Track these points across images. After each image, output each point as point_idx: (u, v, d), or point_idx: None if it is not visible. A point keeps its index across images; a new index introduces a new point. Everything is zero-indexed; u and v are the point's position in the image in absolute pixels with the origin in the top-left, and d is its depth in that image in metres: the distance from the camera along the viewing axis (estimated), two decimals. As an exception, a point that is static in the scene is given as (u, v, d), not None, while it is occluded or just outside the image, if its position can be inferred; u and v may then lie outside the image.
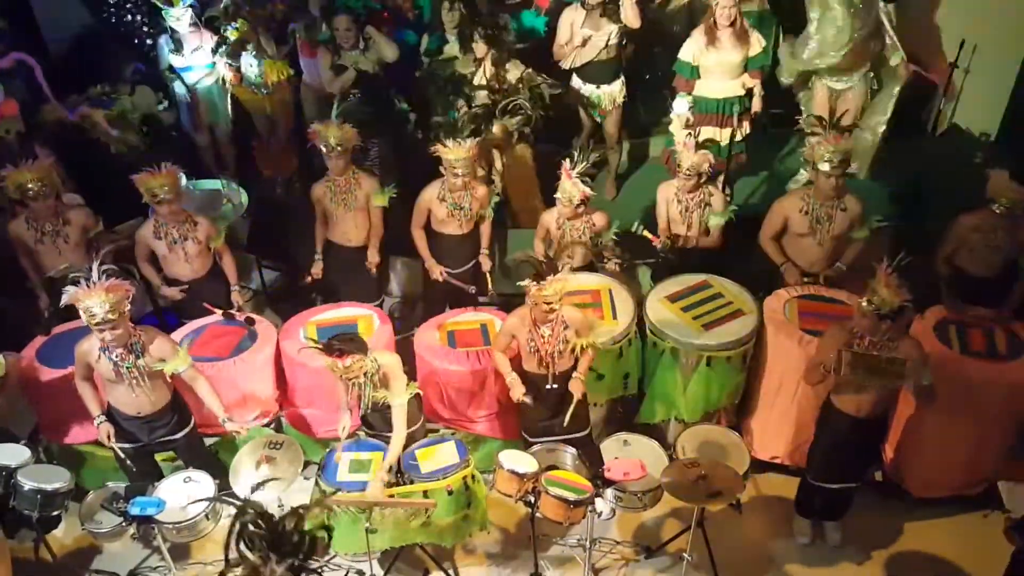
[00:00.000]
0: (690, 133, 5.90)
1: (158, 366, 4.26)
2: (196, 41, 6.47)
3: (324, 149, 5.20)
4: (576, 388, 4.47)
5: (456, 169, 5.12)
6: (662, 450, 4.61)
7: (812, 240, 5.04)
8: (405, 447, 4.41)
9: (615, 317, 4.98)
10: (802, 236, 5.06)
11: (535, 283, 4.25)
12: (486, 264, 5.50)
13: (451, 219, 5.35)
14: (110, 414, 4.42)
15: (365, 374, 4.26)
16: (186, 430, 4.56)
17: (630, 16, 5.95)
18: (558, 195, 5.03)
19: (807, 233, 5.03)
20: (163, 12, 6.30)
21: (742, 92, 5.87)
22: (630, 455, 4.47)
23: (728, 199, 5.56)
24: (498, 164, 6.06)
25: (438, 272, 5.42)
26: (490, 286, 5.53)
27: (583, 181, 4.98)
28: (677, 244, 5.35)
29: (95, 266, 4.03)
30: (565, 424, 4.54)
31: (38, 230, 5.08)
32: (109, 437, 4.36)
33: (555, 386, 4.52)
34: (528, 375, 4.55)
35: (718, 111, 5.92)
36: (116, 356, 4.16)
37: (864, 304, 4.07)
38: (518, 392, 4.47)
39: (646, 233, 5.29)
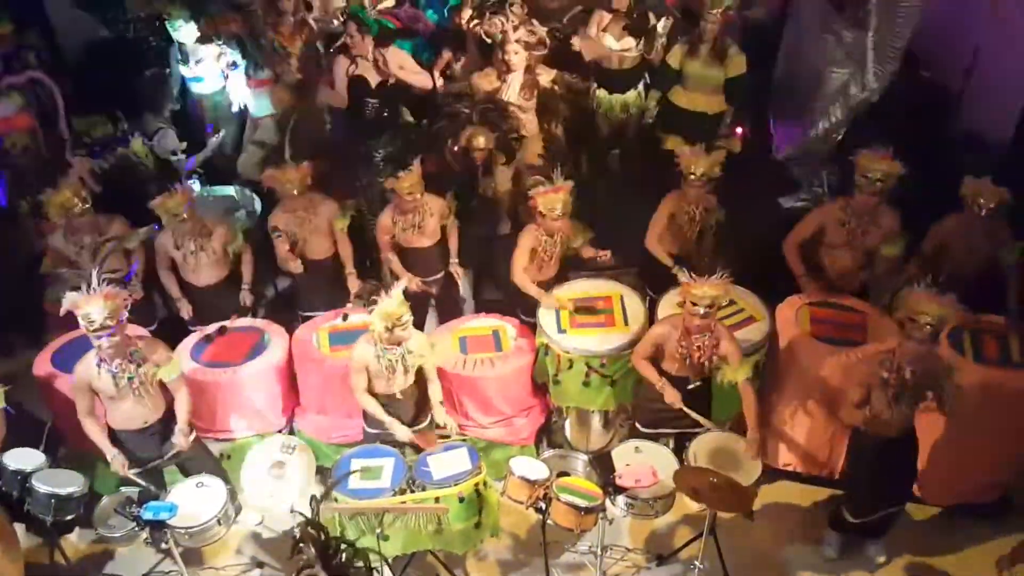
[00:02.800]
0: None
1: (156, 372, 4.29)
2: (202, 53, 6.53)
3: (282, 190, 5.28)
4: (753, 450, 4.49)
5: (407, 195, 5.14)
6: (674, 457, 4.60)
7: (844, 252, 5.06)
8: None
9: (626, 323, 4.98)
10: (835, 247, 5.08)
11: (688, 280, 4.31)
12: (459, 273, 5.51)
13: (413, 235, 5.34)
14: (115, 440, 4.42)
15: (402, 344, 4.37)
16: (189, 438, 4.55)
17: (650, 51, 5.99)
18: (541, 209, 4.92)
19: (840, 245, 5.05)
20: (170, 25, 6.40)
21: (716, 110, 5.90)
22: (642, 462, 4.45)
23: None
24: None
25: (413, 284, 5.32)
26: (462, 291, 5.61)
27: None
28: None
29: (95, 272, 4.11)
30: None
31: (77, 244, 5.17)
32: (124, 467, 4.38)
33: (696, 384, 4.60)
34: (667, 374, 4.59)
35: (692, 124, 5.92)
36: (116, 367, 4.18)
37: (918, 326, 3.94)
38: (673, 397, 4.52)
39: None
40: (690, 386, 4.57)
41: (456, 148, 5.67)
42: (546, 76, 5.88)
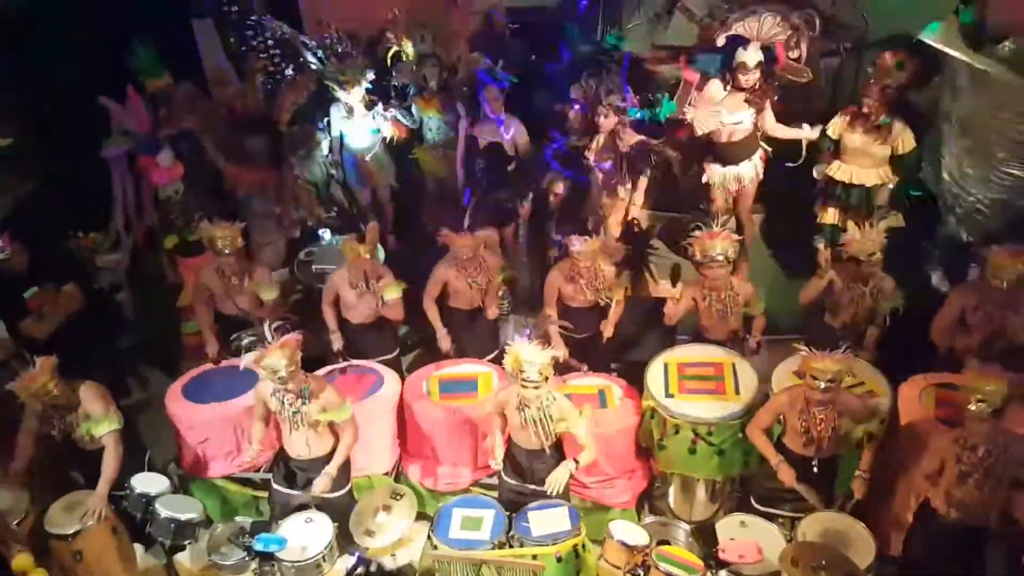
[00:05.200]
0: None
1: (319, 415, 4.45)
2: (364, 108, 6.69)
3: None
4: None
5: (583, 263, 5.25)
6: (780, 534, 4.44)
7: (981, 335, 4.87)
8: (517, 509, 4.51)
9: (737, 392, 4.87)
10: (977, 330, 4.88)
11: (808, 353, 4.26)
12: (608, 331, 5.49)
13: (579, 296, 5.42)
14: (282, 455, 4.67)
15: (541, 406, 4.38)
16: (342, 491, 4.67)
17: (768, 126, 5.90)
18: (700, 258, 5.01)
19: (982, 327, 4.85)
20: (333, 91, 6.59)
21: (877, 182, 5.70)
22: (747, 537, 4.32)
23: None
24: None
25: (562, 355, 5.29)
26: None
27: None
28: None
29: (267, 327, 4.40)
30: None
31: (225, 282, 5.51)
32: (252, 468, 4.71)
33: (816, 468, 4.47)
34: (789, 453, 4.49)
35: (848, 197, 5.78)
36: (287, 399, 4.42)
37: (975, 407, 3.85)
38: (787, 476, 4.42)
39: None
40: (814, 465, 4.44)
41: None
42: (627, 140, 5.92)
